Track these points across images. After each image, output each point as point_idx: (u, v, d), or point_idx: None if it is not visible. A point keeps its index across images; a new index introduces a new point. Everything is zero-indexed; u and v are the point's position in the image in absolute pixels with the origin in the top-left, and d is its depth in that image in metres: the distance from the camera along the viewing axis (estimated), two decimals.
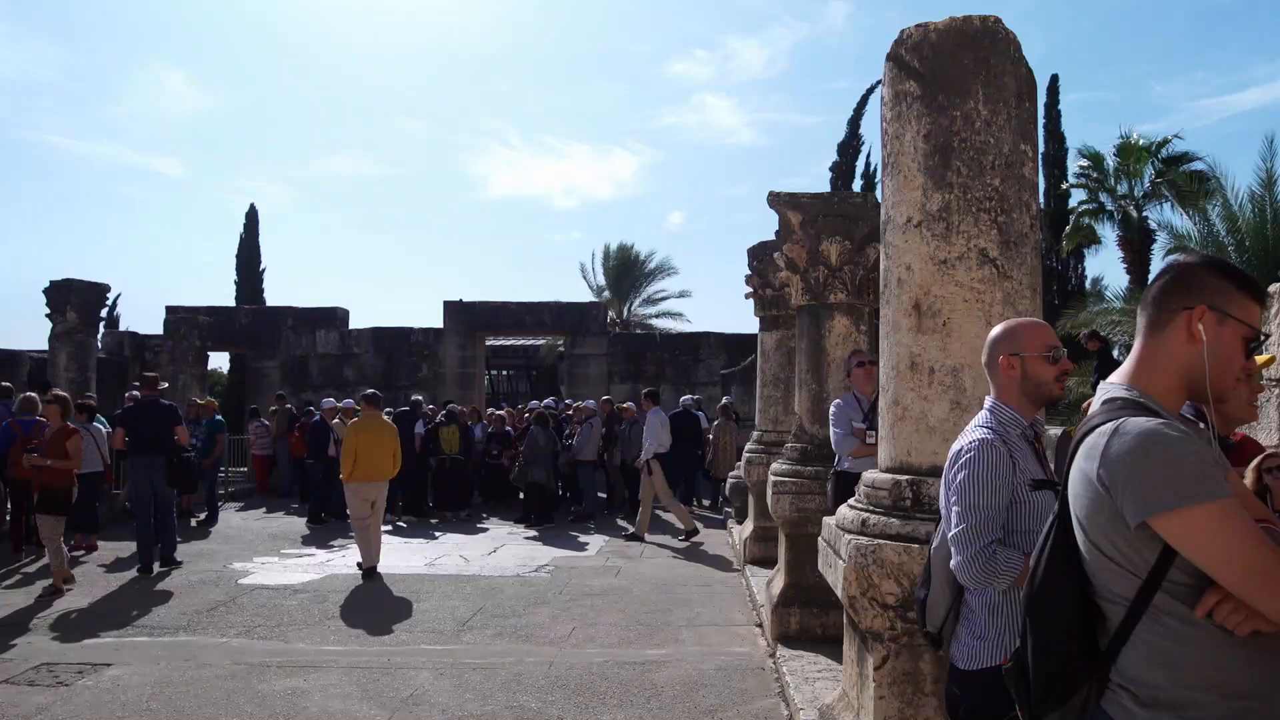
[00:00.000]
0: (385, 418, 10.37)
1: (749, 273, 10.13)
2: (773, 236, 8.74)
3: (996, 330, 2.59)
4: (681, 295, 30.79)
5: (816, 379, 7.00)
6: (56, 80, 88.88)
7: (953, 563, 2.37)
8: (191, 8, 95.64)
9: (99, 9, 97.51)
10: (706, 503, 15.73)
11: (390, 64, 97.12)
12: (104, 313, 15.32)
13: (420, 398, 15.62)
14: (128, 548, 10.52)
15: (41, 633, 6.98)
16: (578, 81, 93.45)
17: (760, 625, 7.10)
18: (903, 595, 3.21)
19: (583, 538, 11.95)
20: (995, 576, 2.30)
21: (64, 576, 8.35)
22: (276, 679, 5.76)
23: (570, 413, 15.09)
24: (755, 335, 13.42)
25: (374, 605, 7.91)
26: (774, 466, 7.07)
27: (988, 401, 2.55)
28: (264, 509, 14.66)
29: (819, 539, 4.04)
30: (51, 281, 12.63)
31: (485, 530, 12.56)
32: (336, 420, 13.45)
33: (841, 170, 26.99)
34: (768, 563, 8.58)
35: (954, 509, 2.38)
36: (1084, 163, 23.69)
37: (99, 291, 13.12)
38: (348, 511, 9.79)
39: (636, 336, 24.42)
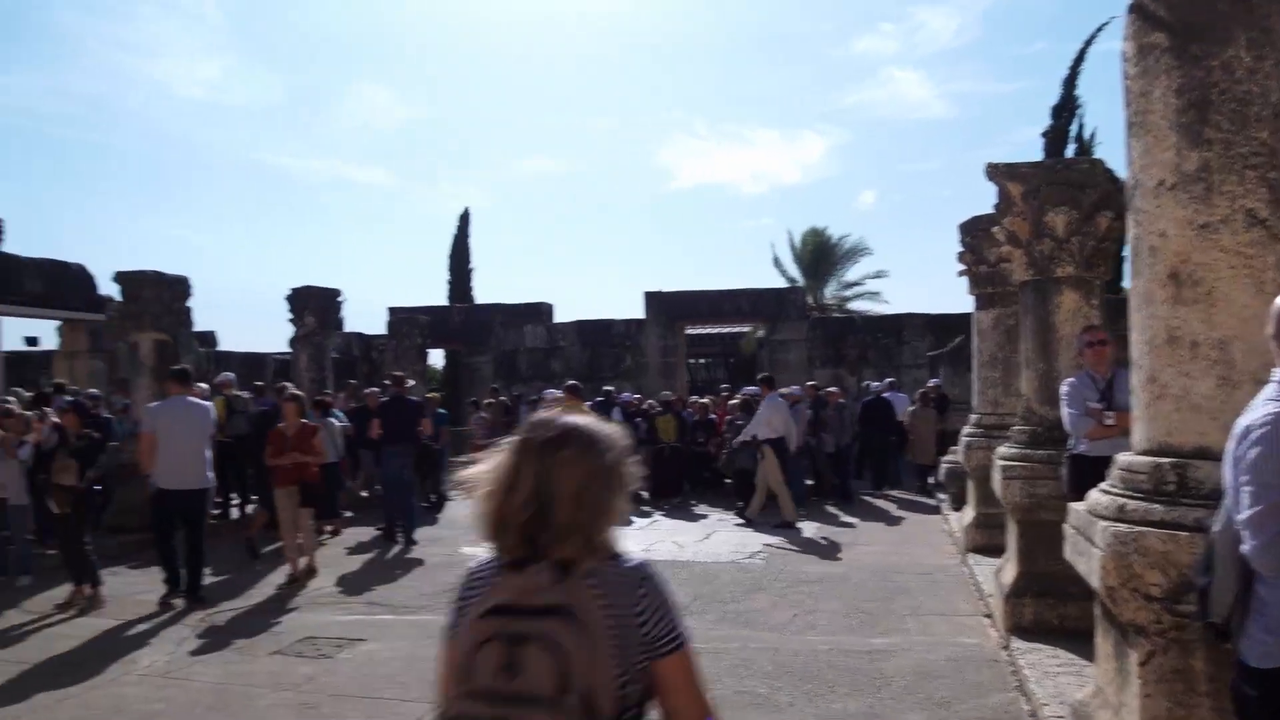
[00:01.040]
0: (585, 408, 10.73)
1: (961, 249, 9.72)
2: (979, 211, 8.39)
3: None
4: (878, 276, 29.84)
5: (1044, 358, 6.63)
6: (278, 106, 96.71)
7: (1246, 548, 2.18)
8: (393, 28, 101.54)
9: (311, 38, 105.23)
10: (884, 491, 15.27)
11: (576, 64, 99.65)
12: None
13: (612, 388, 15.96)
14: (365, 533, 11.37)
15: (301, 609, 7.63)
16: (761, 66, 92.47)
17: (989, 616, 6.83)
18: (1169, 587, 2.99)
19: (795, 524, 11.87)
20: None
21: (312, 563, 9.02)
22: None
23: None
24: (963, 315, 12.90)
25: None
26: (1000, 450, 6.77)
27: (1277, 374, 2.32)
28: None
29: (1065, 526, 3.83)
30: (292, 289, 13.77)
31: (697, 517, 12.68)
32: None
33: (1056, 135, 25.37)
34: (991, 551, 8.23)
35: (1245, 489, 2.18)
36: None
37: (332, 296, 14.18)
38: None
39: (836, 320, 23.96)
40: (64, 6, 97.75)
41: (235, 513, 12.42)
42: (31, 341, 19.28)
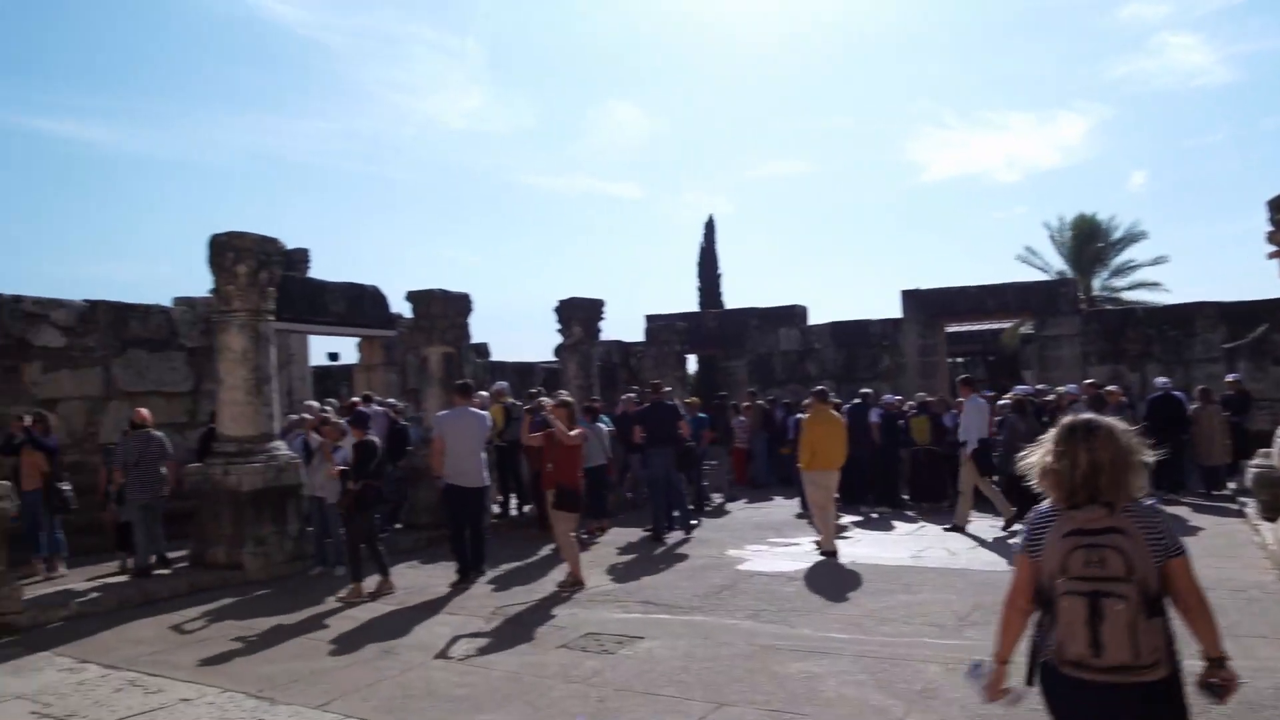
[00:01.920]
0: (834, 411, 10.89)
1: (1270, 228, 8.76)
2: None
3: None
4: (1156, 263, 27.10)
5: None
6: (531, 129, 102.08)
7: None
8: (636, 47, 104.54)
9: (559, 64, 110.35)
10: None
11: (812, 65, 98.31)
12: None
13: (870, 390, 15.58)
14: (633, 533, 11.76)
15: (581, 606, 8.00)
16: (1012, 46, 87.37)
17: None
18: None
19: None
20: None
21: (578, 569, 9.21)
22: (789, 662, 6.05)
23: (1051, 398, 14.12)
24: (1265, 301, 11.61)
25: (867, 594, 8.02)
26: None
27: None
28: (745, 500, 15.52)
29: None
30: (559, 301, 14.54)
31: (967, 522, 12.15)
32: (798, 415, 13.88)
33: None
34: None
35: None
36: None
37: (596, 307, 14.82)
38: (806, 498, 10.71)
39: (1113, 312, 22.19)
40: (345, 58, 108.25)
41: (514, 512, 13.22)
42: (333, 357, 21.49)
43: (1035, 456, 2.87)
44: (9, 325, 11.48)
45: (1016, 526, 11.28)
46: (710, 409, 16.23)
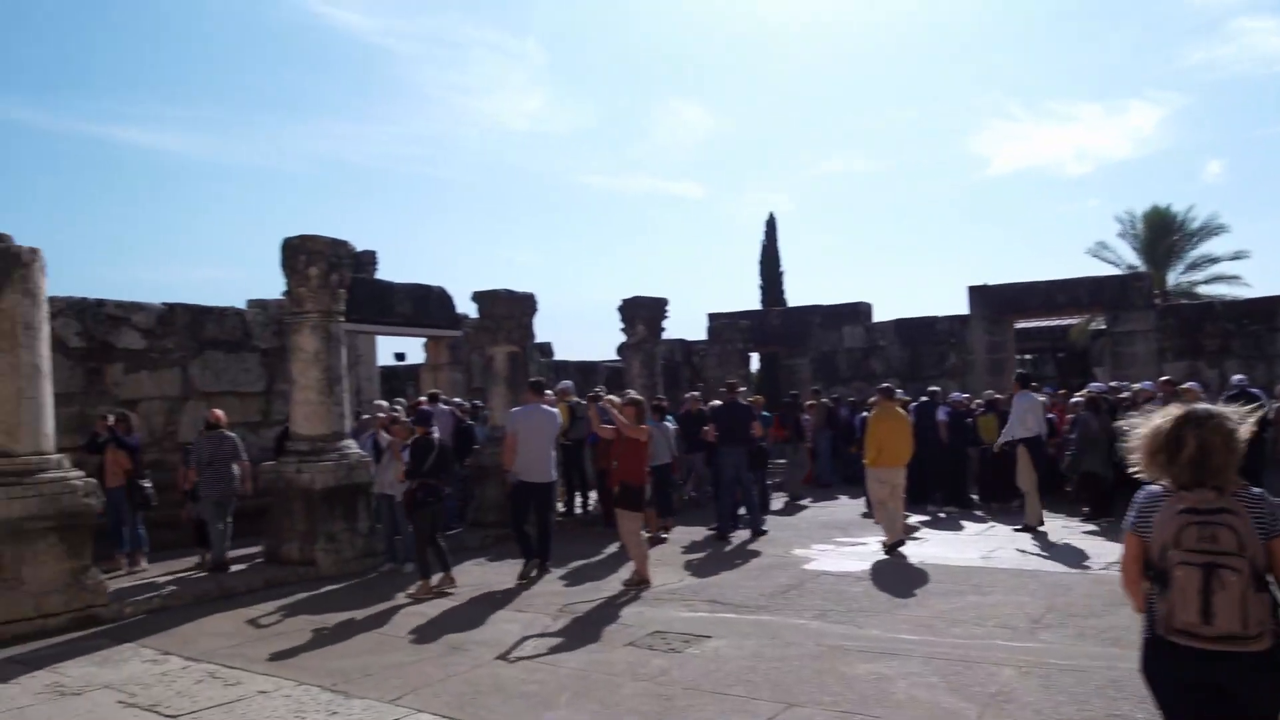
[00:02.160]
0: (900, 409, 11.01)
1: None
2: None
3: None
4: (1236, 257, 26.10)
5: None
6: (594, 130, 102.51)
7: None
8: (698, 45, 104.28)
9: (620, 63, 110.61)
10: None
11: (875, 58, 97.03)
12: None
13: (938, 388, 15.37)
14: (697, 531, 11.76)
15: (647, 604, 8.01)
16: (1081, 35, 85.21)
17: None
18: None
19: None
20: None
21: (644, 567, 9.04)
22: (858, 663, 5.99)
23: (1125, 395, 13.77)
24: None
25: (937, 595, 7.91)
26: None
27: None
28: (810, 499, 15.40)
29: None
30: (623, 300, 14.58)
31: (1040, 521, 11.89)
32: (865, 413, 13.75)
33: None
34: None
35: None
36: None
37: (660, 305, 14.84)
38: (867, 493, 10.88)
39: (1191, 307, 21.50)
40: (407, 62, 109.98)
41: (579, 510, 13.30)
42: (400, 357, 21.83)
43: (1142, 440, 3.03)
44: (93, 328, 11.87)
45: (1041, 528, 11.24)
46: (782, 407, 16.13)
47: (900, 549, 9.86)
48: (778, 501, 14.76)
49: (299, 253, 10.07)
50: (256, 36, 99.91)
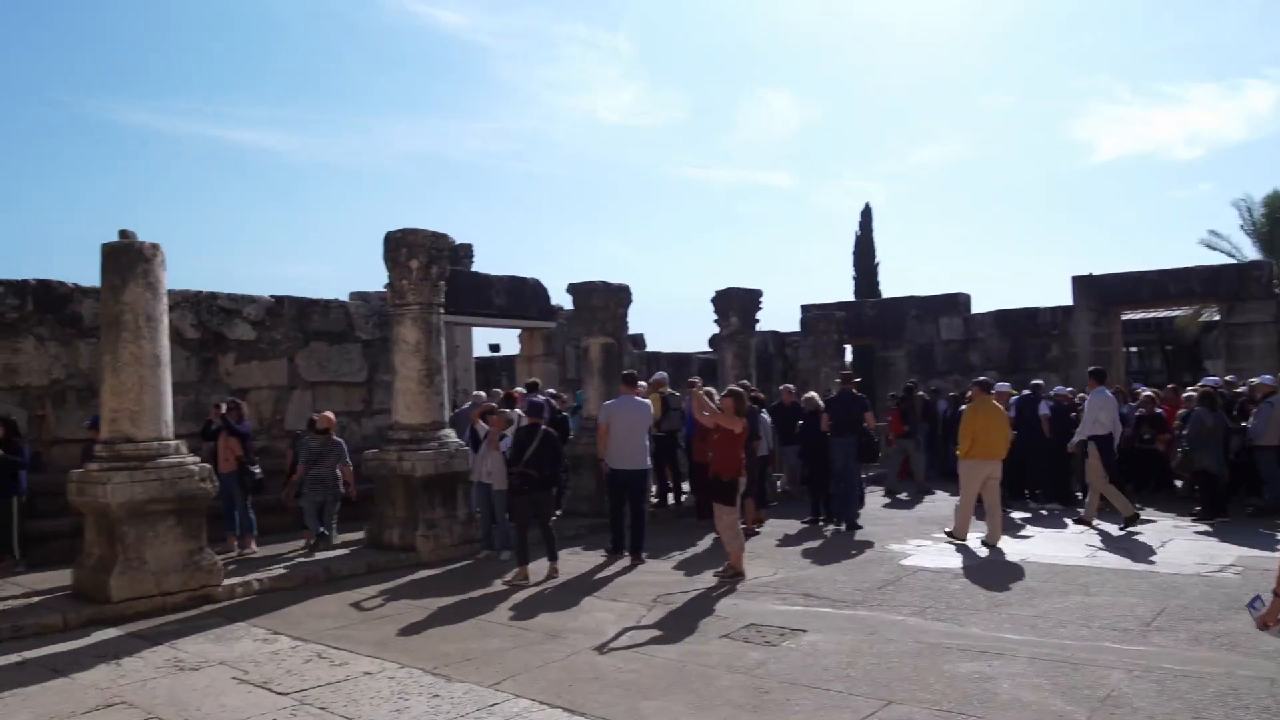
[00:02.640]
0: (996, 402, 10.87)
1: None
2: None
3: None
4: None
5: None
6: (684, 122, 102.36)
7: None
8: (788, 35, 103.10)
9: (710, 56, 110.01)
10: None
11: (969, 42, 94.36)
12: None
13: (1041, 381, 14.92)
14: (790, 524, 11.69)
15: (741, 597, 7.99)
16: (1190, 12, 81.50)
17: None
18: None
19: (1276, 534, 10.36)
20: None
21: (739, 560, 8.88)
22: (960, 661, 5.87)
23: (1241, 390, 13.16)
24: None
25: (1041, 594, 7.69)
26: None
27: None
28: (905, 494, 15.14)
29: None
30: (716, 291, 14.55)
31: (1144, 522, 11.46)
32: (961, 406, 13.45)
33: None
34: None
35: None
36: None
37: (754, 297, 14.76)
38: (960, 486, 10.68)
39: None
40: (502, 59, 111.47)
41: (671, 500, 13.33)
42: (494, 348, 22.26)
43: None
44: (207, 320, 12.38)
45: (1136, 528, 10.95)
46: (901, 401, 15.89)
47: (962, 543, 10.15)
48: (873, 496, 14.53)
49: (401, 246, 10.32)
50: (360, 40, 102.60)
